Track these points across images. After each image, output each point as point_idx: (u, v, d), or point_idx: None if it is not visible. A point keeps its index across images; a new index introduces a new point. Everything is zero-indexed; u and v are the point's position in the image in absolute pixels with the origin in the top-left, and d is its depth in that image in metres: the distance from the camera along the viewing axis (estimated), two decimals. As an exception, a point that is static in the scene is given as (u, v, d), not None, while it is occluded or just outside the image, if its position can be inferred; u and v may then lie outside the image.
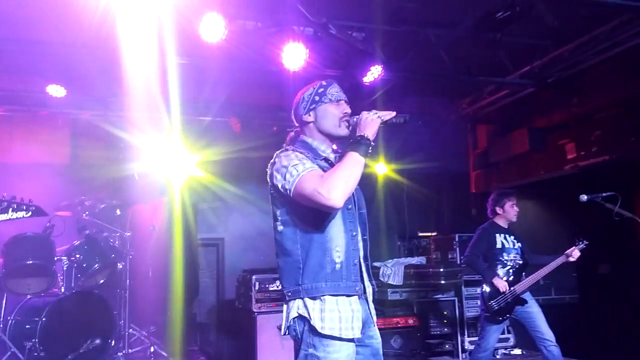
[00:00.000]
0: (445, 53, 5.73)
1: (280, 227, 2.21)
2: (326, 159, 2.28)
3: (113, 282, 5.36)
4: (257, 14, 4.82)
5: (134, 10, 4.37)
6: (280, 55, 4.89)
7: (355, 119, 2.28)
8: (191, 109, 6.68)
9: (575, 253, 4.50)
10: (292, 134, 2.46)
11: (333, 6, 4.91)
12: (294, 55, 4.84)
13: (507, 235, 4.75)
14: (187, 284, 6.06)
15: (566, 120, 6.70)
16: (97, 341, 4.57)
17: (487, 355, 4.68)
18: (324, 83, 2.37)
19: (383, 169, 8.18)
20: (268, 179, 2.24)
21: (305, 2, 4.64)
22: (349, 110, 2.34)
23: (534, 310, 4.53)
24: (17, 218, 2.73)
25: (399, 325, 6.26)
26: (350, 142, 2.21)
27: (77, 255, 5.01)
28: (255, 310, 5.51)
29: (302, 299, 2.13)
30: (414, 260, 7.34)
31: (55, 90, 6.01)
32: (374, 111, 2.25)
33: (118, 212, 5.55)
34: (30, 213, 2.80)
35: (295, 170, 2.09)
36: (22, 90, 6.22)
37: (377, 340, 2.35)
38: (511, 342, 6.82)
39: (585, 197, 3.81)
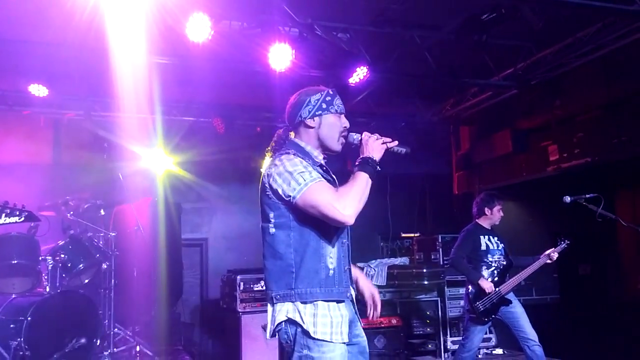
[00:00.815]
0: (429, 54, 5.78)
1: (272, 230, 2.20)
2: (321, 166, 2.29)
3: (98, 281, 5.33)
4: (243, 14, 4.81)
5: (120, 10, 4.33)
6: (266, 55, 4.89)
7: (355, 137, 2.32)
8: (175, 109, 6.65)
9: (553, 255, 4.58)
10: (280, 131, 2.42)
11: (318, 7, 4.92)
12: (280, 56, 4.83)
13: (490, 237, 4.80)
14: (171, 284, 6.03)
15: (549, 122, 6.80)
16: (83, 340, 4.53)
17: (471, 355, 4.73)
18: (330, 92, 2.35)
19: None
20: (265, 179, 2.21)
21: (290, 2, 4.65)
22: (348, 125, 2.35)
23: (517, 311, 4.58)
24: (9, 223, 2.70)
25: (383, 325, 6.29)
26: (358, 161, 2.25)
27: (62, 255, 4.96)
28: (240, 310, 5.51)
29: (294, 302, 2.13)
30: (397, 260, 7.38)
31: (38, 90, 5.94)
32: (377, 135, 2.30)
33: (102, 212, 5.51)
34: (22, 218, 2.78)
35: (302, 178, 2.11)
36: (3, 89, 6.14)
37: (363, 338, 2.38)
38: (493, 342, 6.89)
39: (569, 198, 3.86)
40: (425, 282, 6.68)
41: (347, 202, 2.07)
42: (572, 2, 4.44)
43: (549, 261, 4.59)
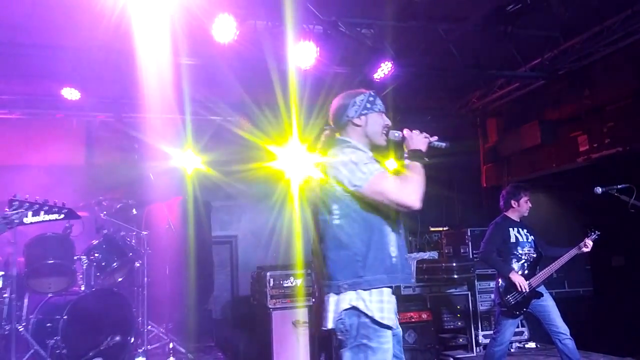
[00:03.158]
0: (454, 47, 5.74)
1: (336, 221, 2.28)
2: (375, 160, 2.41)
3: (131, 279, 5.45)
4: (267, 13, 4.86)
5: (148, 13, 4.43)
6: (291, 54, 4.93)
7: (397, 134, 2.50)
8: (203, 109, 6.75)
9: (588, 244, 4.50)
10: (327, 132, 2.57)
11: (342, 4, 4.94)
12: (305, 54, 4.87)
13: (520, 229, 4.75)
14: (202, 281, 6.13)
15: (577, 112, 6.68)
16: (117, 338, 4.64)
17: (502, 349, 4.70)
18: (372, 93, 2.53)
19: (393, 164, 8.20)
20: (327, 173, 2.31)
21: (315, 0, 4.68)
22: (389, 122, 2.52)
23: (548, 304, 4.53)
24: (49, 220, 2.80)
25: (413, 320, 6.27)
26: (407, 152, 2.44)
27: (96, 254, 5.10)
28: (270, 306, 5.57)
29: (357, 291, 2.21)
30: (426, 255, 7.36)
31: (70, 93, 6.11)
32: (418, 131, 2.50)
33: (134, 211, 5.63)
34: (62, 215, 2.86)
35: (367, 168, 2.25)
36: (37, 94, 6.33)
37: (399, 329, 2.45)
38: (525, 335, 6.82)
39: (600, 189, 3.80)
40: (455, 276, 6.64)
41: (411, 188, 2.24)
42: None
43: (585, 250, 4.50)
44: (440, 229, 8.24)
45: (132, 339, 4.91)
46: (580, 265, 6.86)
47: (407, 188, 2.23)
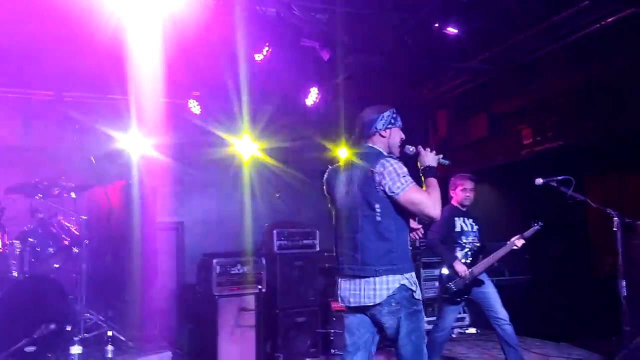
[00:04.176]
0: (407, 37, 5.75)
1: (378, 218, 2.83)
2: None
3: (69, 266, 5.23)
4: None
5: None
6: (242, 37, 4.80)
7: (410, 149, 3.06)
8: (149, 89, 6.49)
9: (519, 242, 4.65)
10: (353, 138, 3.11)
11: (296, -13, 4.84)
12: (257, 37, 4.75)
13: (465, 219, 4.86)
14: (146, 268, 5.94)
15: (524, 105, 6.86)
16: (52, 326, 4.44)
17: (444, 335, 4.81)
18: (394, 110, 3.06)
19: (345, 153, 8.21)
20: (374, 177, 2.83)
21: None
22: (404, 137, 3.07)
23: (489, 291, 4.66)
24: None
25: (360, 308, 6.34)
26: (423, 169, 3.01)
27: (31, 240, 4.86)
28: (216, 293, 5.48)
29: (402, 274, 2.81)
30: (375, 243, 7.42)
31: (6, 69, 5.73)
32: (429, 149, 3.07)
33: (73, 195, 5.38)
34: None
35: (405, 180, 2.80)
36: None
37: None
38: (467, 321, 7.02)
39: (541, 180, 3.93)
40: (401, 264, 6.72)
41: (436, 203, 2.82)
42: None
43: (515, 247, 4.66)
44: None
45: (69, 327, 4.71)
46: (519, 255, 7.07)
47: (431, 201, 2.80)
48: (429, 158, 3.01)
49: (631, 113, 5.56)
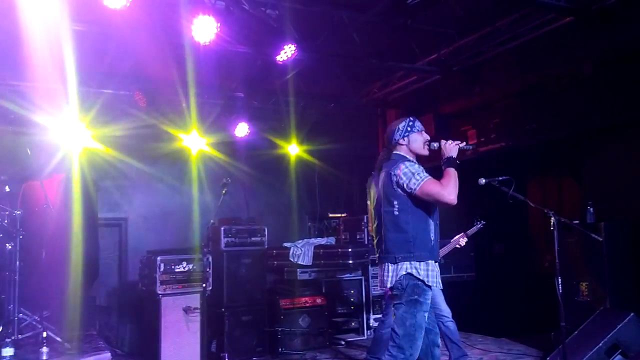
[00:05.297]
0: (357, 36, 5.78)
1: (396, 213, 3.27)
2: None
3: (1, 263, 4.95)
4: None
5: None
6: (190, 27, 4.68)
7: (434, 145, 3.40)
8: (91, 80, 6.25)
9: (461, 242, 4.80)
10: (385, 150, 3.58)
11: (246, -20, 4.77)
12: (204, 29, 4.64)
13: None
14: (86, 266, 5.73)
15: (469, 107, 7.04)
16: (-19, 327, 4.21)
17: (390, 332, 4.85)
18: (412, 118, 3.50)
19: (295, 150, 8.19)
20: (392, 178, 3.27)
21: (216, -27, 4.47)
22: (428, 137, 3.47)
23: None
24: None
25: (307, 305, 6.34)
26: (444, 160, 3.33)
27: (-42, 235, 4.57)
28: (159, 292, 5.35)
29: (411, 262, 3.19)
30: (324, 240, 7.45)
31: None
32: (450, 140, 3.38)
33: (7, 188, 5.10)
34: None
35: (419, 176, 3.20)
36: None
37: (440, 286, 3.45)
38: (412, 318, 7.13)
39: (483, 180, 4.03)
40: (350, 262, 6.78)
41: (449, 190, 3.16)
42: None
43: (458, 246, 4.79)
44: (339, 215, 8.39)
45: (1, 328, 4.47)
46: (464, 252, 7.25)
47: (446, 189, 3.15)
48: (449, 149, 3.34)
49: (569, 117, 5.80)
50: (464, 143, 3.40)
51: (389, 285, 3.27)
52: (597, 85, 5.48)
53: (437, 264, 3.32)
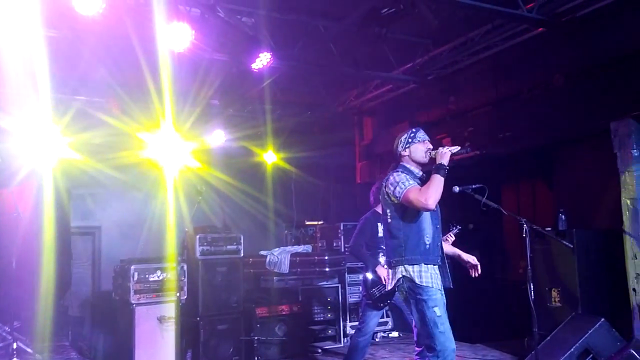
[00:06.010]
0: (333, 45, 5.82)
1: (389, 220, 3.46)
2: (420, 178, 3.52)
3: (-31, 274, 4.83)
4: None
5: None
6: (164, 34, 4.65)
7: (434, 152, 3.46)
8: (64, 87, 6.16)
9: (449, 238, 4.80)
10: (393, 163, 3.72)
11: (222, -12, 4.77)
12: (179, 36, 4.62)
13: (387, 224, 4.94)
14: (58, 276, 5.63)
15: (444, 116, 7.13)
16: (-52, 340, 4.09)
17: (366, 339, 4.86)
18: (414, 130, 3.64)
19: (272, 157, 8.18)
20: (384, 188, 3.48)
21: (192, -19, 4.47)
22: (431, 147, 3.55)
23: (410, 295, 4.77)
24: None
25: (284, 313, 6.31)
26: (432, 168, 3.38)
27: None
28: (133, 301, 5.27)
29: (404, 265, 3.37)
30: (300, 248, 7.44)
31: None
32: (447, 147, 3.43)
33: (-25, 197, 4.99)
34: None
35: (403, 185, 3.36)
36: None
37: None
38: (389, 325, 7.17)
39: (457, 188, 4.07)
40: (327, 269, 6.79)
41: (427, 195, 3.26)
42: (463, 3, 4.65)
43: (447, 243, 4.78)
44: (316, 222, 8.39)
45: (-33, 341, 4.36)
46: (440, 259, 7.35)
47: (423, 195, 3.26)
48: (440, 156, 3.42)
49: (541, 126, 5.91)
50: (458, 148, 3.48)
51: (389, 288, 3.49)
52: (568, 95, 5.60)
53: (436, 266, 3.44)
